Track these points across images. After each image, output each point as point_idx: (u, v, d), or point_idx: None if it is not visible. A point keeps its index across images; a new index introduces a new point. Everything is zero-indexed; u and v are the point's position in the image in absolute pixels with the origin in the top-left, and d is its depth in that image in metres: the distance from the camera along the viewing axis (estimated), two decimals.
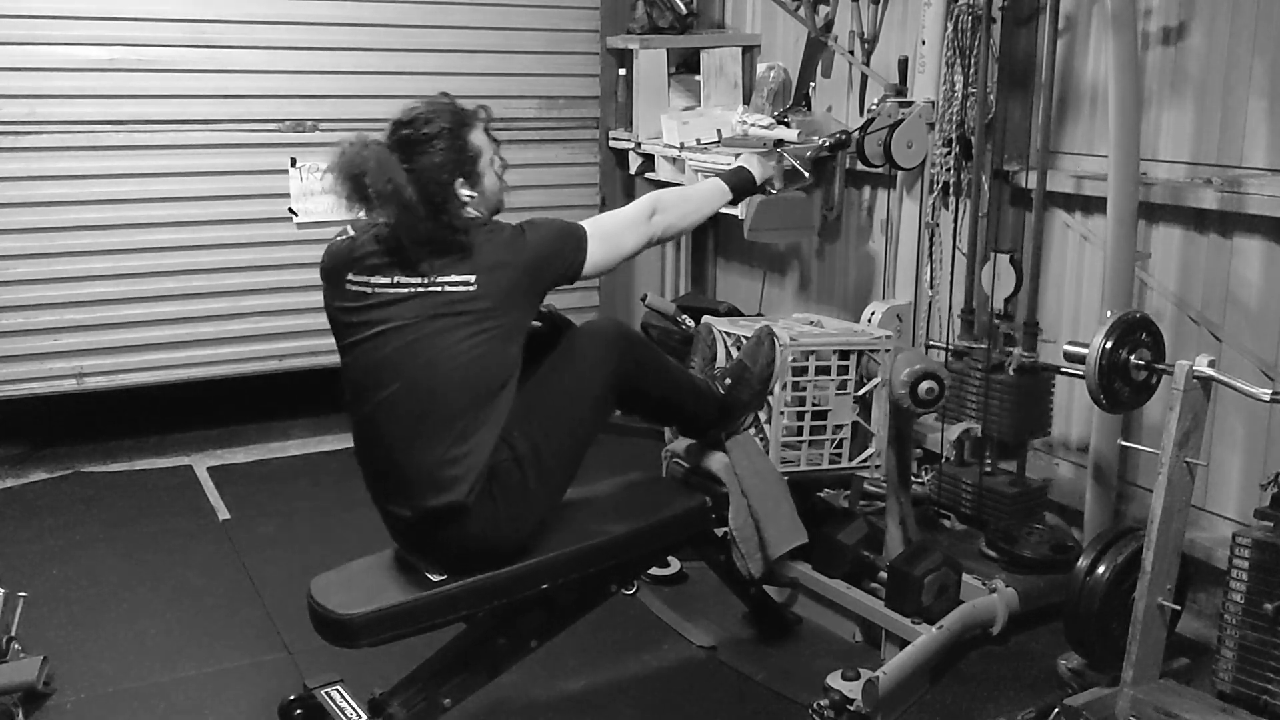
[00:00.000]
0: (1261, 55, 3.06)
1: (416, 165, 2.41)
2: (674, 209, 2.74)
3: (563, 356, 2.57)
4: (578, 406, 2.54)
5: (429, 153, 2.42)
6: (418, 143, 2.43)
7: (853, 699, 2.65)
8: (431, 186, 2.40)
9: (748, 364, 2.96)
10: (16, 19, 4.03)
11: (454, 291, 2.37)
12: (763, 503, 2.93)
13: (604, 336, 2.62)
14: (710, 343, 3.18)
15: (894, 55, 3.69)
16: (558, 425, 2.50)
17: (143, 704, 2.83)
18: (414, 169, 2.40)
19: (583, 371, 2.55)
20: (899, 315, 3.29)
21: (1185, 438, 2.40)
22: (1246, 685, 2.50)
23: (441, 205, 2.41)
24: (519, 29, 4.78)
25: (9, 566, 3.49)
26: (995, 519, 3.47)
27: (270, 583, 3.44)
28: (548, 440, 2.47)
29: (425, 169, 2.41)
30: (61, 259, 4.21)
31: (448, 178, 2.44)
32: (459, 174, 2.46)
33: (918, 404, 3.06)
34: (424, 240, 2.38)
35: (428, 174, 2.41)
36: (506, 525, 2.43)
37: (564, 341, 2.61)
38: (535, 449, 2.45)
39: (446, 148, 2.45)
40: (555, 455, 2.49)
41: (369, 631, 2.34)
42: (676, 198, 2.80)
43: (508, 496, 2.41)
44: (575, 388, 2.54)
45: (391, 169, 2.36)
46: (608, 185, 5.10)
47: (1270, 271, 3.10)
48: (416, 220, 2.37)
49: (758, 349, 2.97)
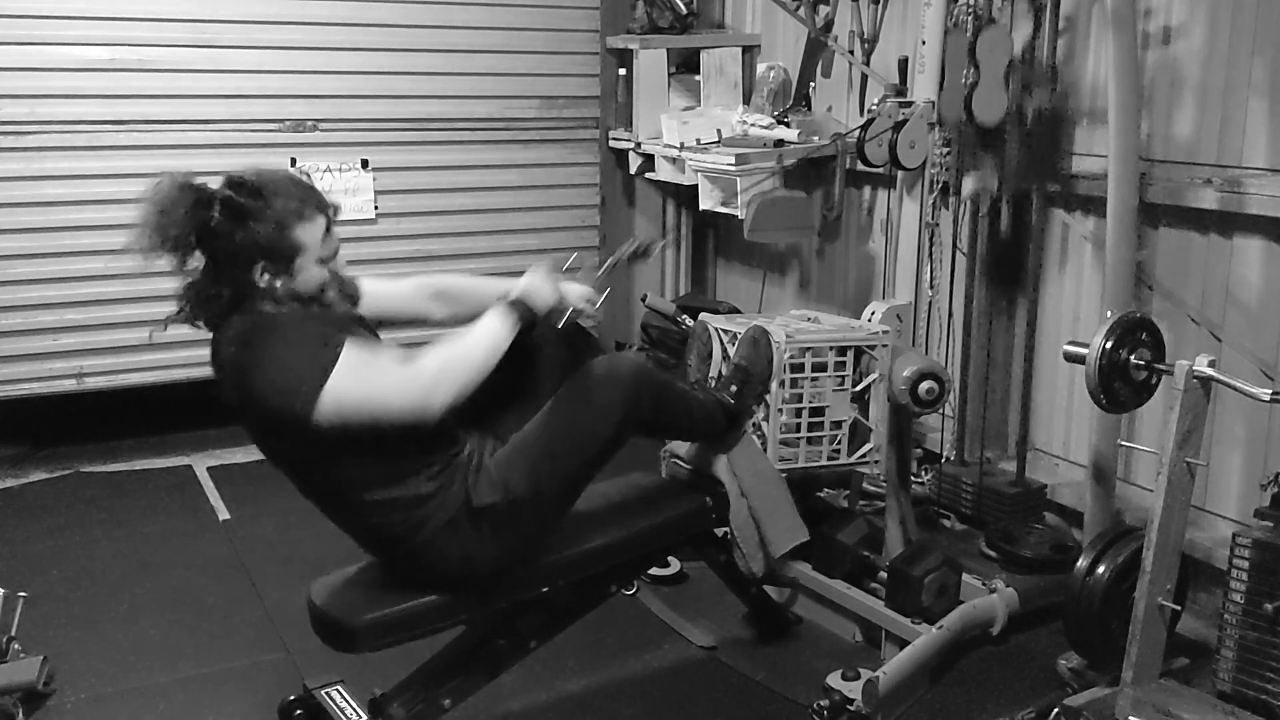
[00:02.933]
0: (1261, 55, 3.06)
1: (223, 229, 2.20)
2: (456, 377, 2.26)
3: (575, 396, 2.47)
4: (586, 450, 2.46)
5: (244, 225, 2.19)
6: (237, 211, 2.20)
7: (853, 699, 2.65)
8: (220, 255, 2.22)
9: (748, 367, 2.95)
10: (16, 19, 4.02)
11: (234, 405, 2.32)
12: (763, 502, 2.94)
13: (620, 382, 2.50)
14: (705, 340, 3.18)
15: (894, 55, 3.69)
16: (560, 471, 2.43)
17: (143, 704, 2.83)
18: (219, 232, 2.20)
19: (595, 416, 2.46)
20: (899, 315, 3.29)
21: (1185, 438, 2.40)
22: (1246, 685, 2.50)
23: (225, 273, 2.23)
24: (519, 29, 4.78)
25: (9, 566, 3.49)
26: (995, 519, 3.48)
27: (270, 583, 3.44)
28: (551, 482, 2.41)
29: (224, 235, 2.20)
30: (61, 259, 4.20)
31: (245, 259, 2.21)
32: (262, 259, 2.21)
33: (918, 404, 3.06)
34: (195, 302, 2.27)
35: (224, 242, 2.20)
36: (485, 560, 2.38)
37: (578, 378, 2.49)
38: (535, 492, 2.38)
39: (263, 231, 2.20)
40: (557, 496, 2.44)
41: (369, 637, 2.34)
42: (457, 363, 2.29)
43: (498, 532, 2.37)
44: (586, 431, 2.45)
45: (192, 214, 2.19)
46: (608, 185, 5.10)
47: (1270, 271, 3.10)
48: (207, 279, 2.25)
49: (754, 350, 2.97)
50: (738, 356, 3.00)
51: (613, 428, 2.48)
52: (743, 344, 3.01)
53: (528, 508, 2.39)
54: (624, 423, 2.49)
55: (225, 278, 2.23)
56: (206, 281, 2.25)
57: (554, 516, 2.48)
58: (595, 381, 2.49)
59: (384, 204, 4.61)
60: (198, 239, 2.21)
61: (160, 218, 2.18)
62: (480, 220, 4.77)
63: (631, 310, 5.02)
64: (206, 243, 2.22)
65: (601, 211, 5.04)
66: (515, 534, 2.40)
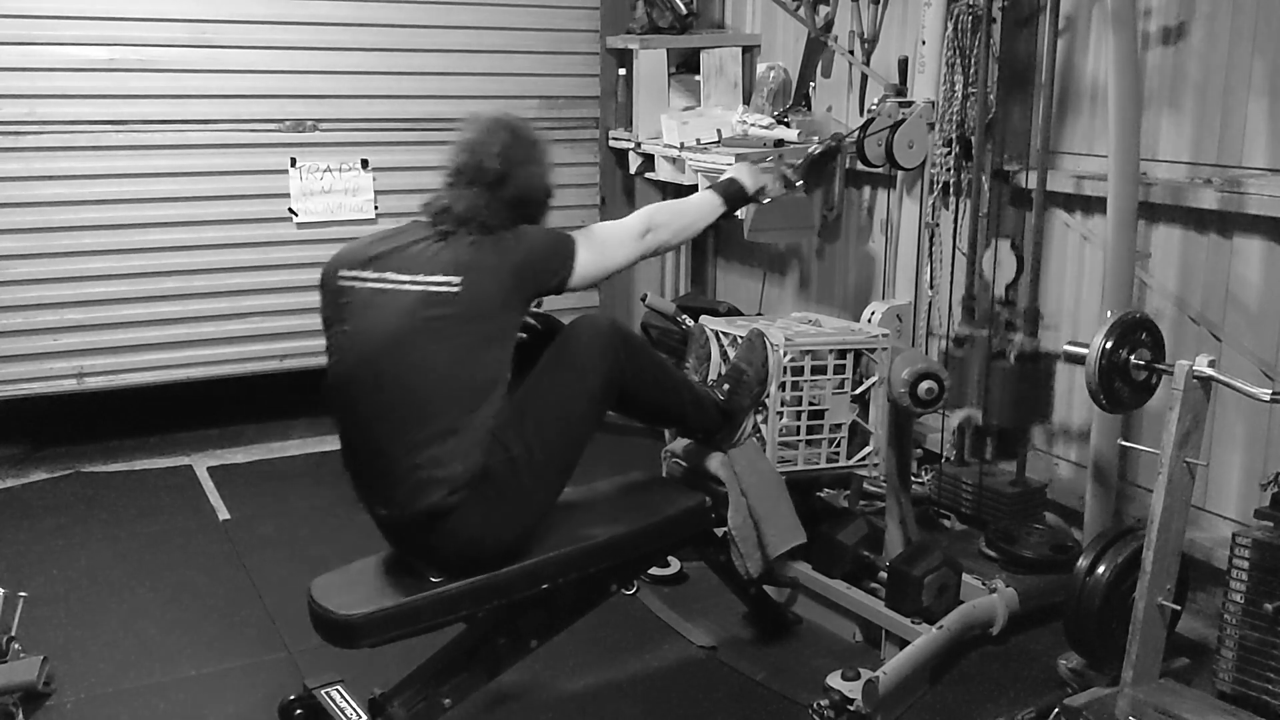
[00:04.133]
0: (1261, 55, 3.06)
1: (534, 168, 2.56)
2: (668, 226, 2.75)
3: (557, 355, 2.55)
4: (573, 406, 2.52)
5: (537, 170, 2.57)
6: (531, 154, 2.56)
7: (853, 699, 2.65)
8: (527, 193, 2.53)
9: (744, 368, 2.95)
10: (16, 19, 4.03)
11: (439, 292, 2.37)
12: (762, 502, 2.94)
13: (599, 334, 2.59)
14: (704, 343, 3.18)
15: (894, 55, 3.69)
16: (553, 425, 2.48)
17: (143, 704, 2.83)
18: (532, 168, 2.54)
19: (578, 370, 2.53)
20: (899, 315, 3.29)
21: (1185, 438, 2.40)
22: (1246, 685, 2.50)
23: (521, 205, 2.51)
24: (519, 29, 4.78)
25: (9, 566, 3.49)
26: (995, 519, 3.47)
27: (270, 583, 3.44)
28: (543, 441, 2.45)
29: (534, 175, 2.55)
30: (62, 259, 4.21)
31: (541, 195, 2.58)
32: (542, 199, 2.59)
33: (917, 404, 3.06)
34: (470, 216, 2.44)
35: (535, 179, 2.55)
36: (501, 527, 2.42)
37: (558, 339, 2.59)
38: (529, 450, 2.43)
39: (544, 174, 2.59)
40: (550, 456, 2.47)
41: (369, 632, 2.34)
42: (670, 213, 2.80)
43: (502, 497, 2.40)
44: (570, 387, 2.52)
45: (532, 154, 2.54)
46: (608, 185, 5.10)
47: (1270, 271, 3.10)
48: (494, 197, 2.46)
49: (751, 352, 2.98)
50: (735, 357, 3.01)
51: (597, 380, 2.54)
52: (742, 346, 3.01)
53: (525, 468, 2.42)
54: (608, 376, 2.56)
55: (519, 200, 2.54)
56: (492, 194, 2.50)
57: (551, 482, 2.50)
58: (576, 338, 2.58)
59: (384, 204, 4.61)
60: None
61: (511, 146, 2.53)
62: None
63: (632, 310, 5.03)
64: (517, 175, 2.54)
65: (601, 211, 5.04)
66: (517, 502, 2.42)
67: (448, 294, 2.36)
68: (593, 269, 2.57)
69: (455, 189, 2.50)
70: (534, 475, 2.44)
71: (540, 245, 2.51)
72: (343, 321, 2.45)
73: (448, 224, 2.46)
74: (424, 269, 2.39)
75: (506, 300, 2.42)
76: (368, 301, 2.42)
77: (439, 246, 2.43)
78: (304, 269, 4.51)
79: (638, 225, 2.68)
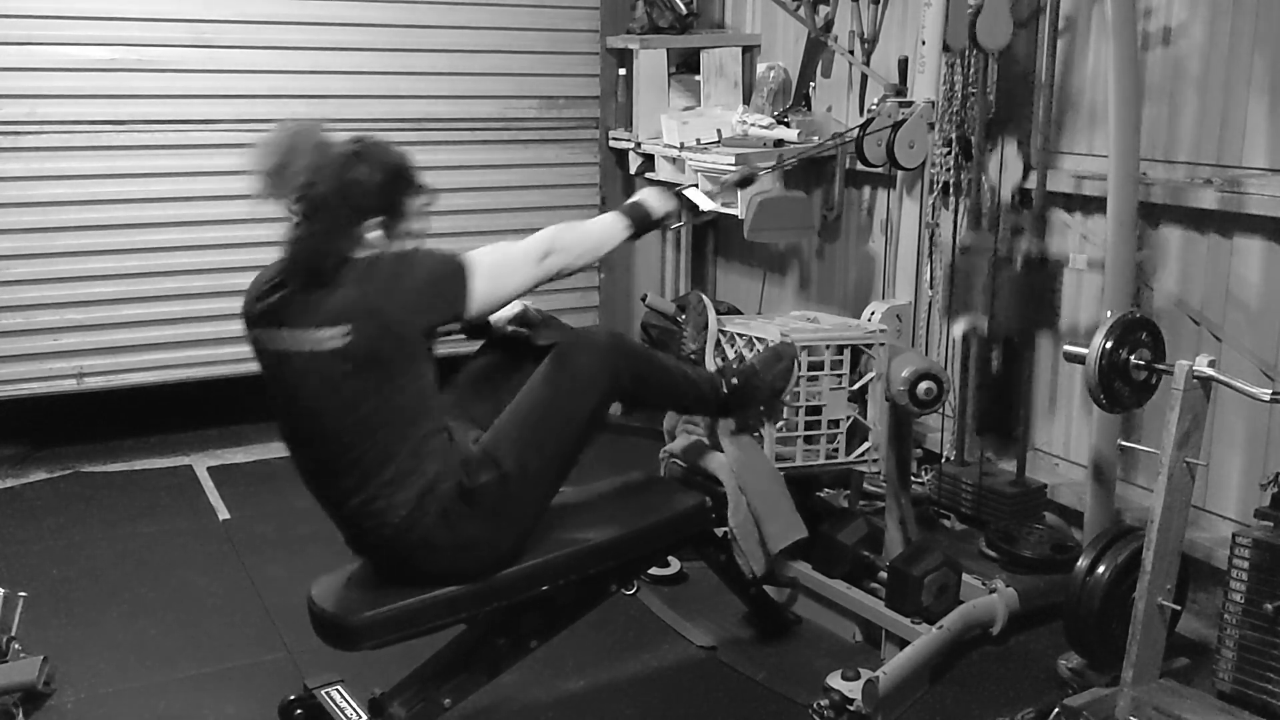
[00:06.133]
0: (1262, 55, 3.06)
1: (350, 177, 2.31)
2: (569, 250, 2.54)
3: (555, 370, 2.50)
4: (571, 425, 2.48)
5: (371, 174, 2.33)
6: (366, 158, 2.34)
7: (853, 699, 2.65)
8: (353, 200, 2.32)
9: (759, 372, 2.92)
10: (16, 19, 4.02)
11: (329, 350, 2.26)
12: (761, 499, 2.94)
13: (599, 351, 2.54)
14: (701, 311, 3.18)
15: (894, 55, 3.69)
16: (549, 443, 2.44)
17: (143, 704, 2.83)
18: (347, 180, 2.31)
19: (576, 388, 2.49)
20: (899, 315, 3.29)
21: (1185, 438, 2.40)
22: (1246, 685, 2.50)
23: (345, 226, 2.32)
24: (519, 29, 4.78)
25: (9, 566, 3.49)
26: (995, 519, 3.48)
27: (270, 583, 3.44)
28: (539, 458, 2.42)
29: (358, 183, 2.32)
30: (62, 259, 4.21)
31: (373, 204, 2.35)
32: (383, 211, 2.36)
33: (916, 404, 3.06)
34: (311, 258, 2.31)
35: (358, 189, 2.32)
36: (484, 544, 2.40)
37: (557, 352, 2.53)
38: (523, 467, 2.40)
39: (386, 184, 2.36)
40: (544, 472, 2.45)
41: (369, 634, 2.34)
42: (574, 236, 2.59)
43: (491, 514, 2.38)
44: (569, 404, 2.48)
45: (330, 162, 2.29)
46: (608, 185, 5.10)
47: (1270, 271, 3.10)
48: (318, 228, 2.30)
49: (775, 363, 2.94)
50: (757, 359, 2.97)
51: (595, 397, 2.51)
52: (769, 352, 2.98)
53: (518, 484, 2.40)
54: (606, 393, 2.53)
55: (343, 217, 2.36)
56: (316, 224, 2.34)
57: (545, 493, 2.49)
58: (574, 354, 2.52)
59: None
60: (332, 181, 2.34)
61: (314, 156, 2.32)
62: (480, 220, 4.76)
63: (631, 309, 5.03)
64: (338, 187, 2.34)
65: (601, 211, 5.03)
66: (508, 514, 2.41)
67: (338, 350, 2.26)
68: (489, 297, 2.40)
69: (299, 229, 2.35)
70: (526, 490, 2.42)
71: (430, 279, 2.35)
72: (265, 379, 2.43)
73: (317, 271, 2.32)
74: (311, 322, 2.28)
75: (400, 341, 2.30)
76: (272, 366, 2.38)
77: (322, 293, 2.30)
78: None
79: (537, 249, 2.47)
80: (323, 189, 2.29)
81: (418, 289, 2.32)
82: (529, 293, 2.50)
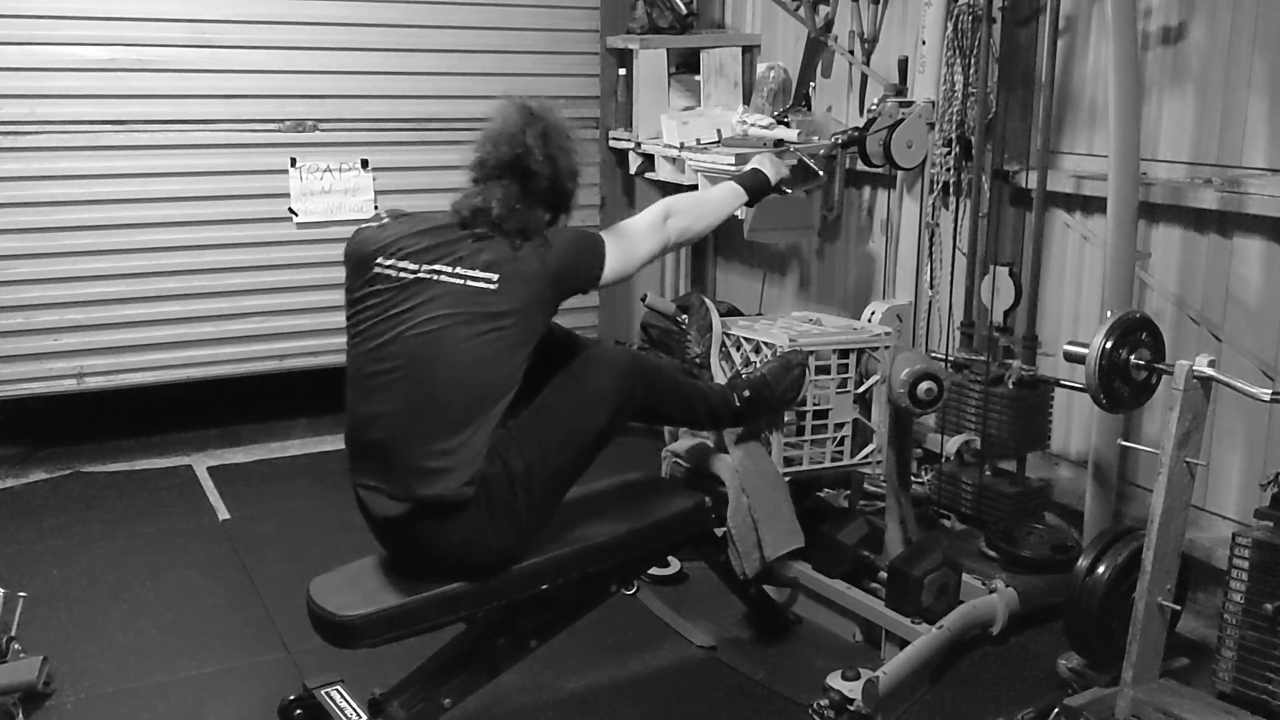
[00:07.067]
0: (1262, 54, 3.06)
1: (566, 165, 2.57)
2: (688, 213, 2.76)
3: (572, 381, 2.52)
4: (580, 436, 2.49)
5: (573, 164, 2.59)
6: (573, 152, 2.59)
7: (853, 699, 2.65)
8: (559, 182, 2.54)
9: (770, 383, 2.92)
10: (16, 19, 4.02)
11: (475, 287, 2.38)
12: (763, 504, 2.94)
13: (617, 371, 2.56)
14: (704, 314, 3.18)
15: (894, 55, 3.69)
16: (556, 450, 2.46)
17: (143, 704, 2.83)
18: (563, 166, 2.56)
19: (590, 401, 2.51)
20: (899, 315, 3.29)
21: (1185, 438, 2.40)
22: (1246, 685, 2.50)
23: (547, 200, 2.53)
24: (519, 29, 4.78)
25: (9, 566, 3.49)
26: (995, 519, 3.47)
27: (270, 583, 3.44)
28: (544, 463, 2.44)
29: (565, 164, 2.56)
30: (62, 259, 4.21)
31: (570, 186, 2.59)
32: (572, 189, 2.60)
33: (917, 404, 3.06)
34: (510, 218, 2.44)
35: (567, 171, 2.56)
36: (490, 537, 2.40)
37: (575, 364, 2.55)
38: (529, 470, 2.41)
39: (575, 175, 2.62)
40: (548, 479, 2.46)
41: (368, 633, 2.35)
42: (691, 201, 2.82)
43: (494, 509, 2.39)
44: (580, 416, 2.49)
45: (559, 147, 2.55)
46: (608, 185, 5.10)
47: (1270, 271, 3.10)
48: (526, 190, 2.48)
49: (785, 373, 2.94)
50: (767, 368, 2.96)
51: (606, 414, 2.52)
52: (778, 360, 2.97)
53: (521, 486, 2.41)
54: (618, 410, 2.54)
55: (552, 194, 2.59)
56: (531, 196, 2.55)
57: (546, 500, 2.48)
58: (589, 369, 2.55)
59: (384, 204, 4.60)
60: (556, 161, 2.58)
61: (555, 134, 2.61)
62: None
63: (632, 310, 5.02)
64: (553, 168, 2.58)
65: (601, 211, 5.04)
66: (507, 517, 2.41)
67: (487, 290, 2.37)
68: (621, 264, 2.59)
69: (486, 185, 2.49)
70: (528, 494, 2.43)
71: (574, 249, 2.52)
72: (374, 304, 2.43)
73: (482, 225, 2.45)
74: (466, 264, 2.40)
75: (540, 305, 2.43)
76: (408, 289, 2.41)
77: (478, 246, 2.42)
78: (304, 269, 4.51)
79: (657, 215, 2.71)
80: (544, 165, 2.51)
81: (563, 260, 2.48)
82: (655, 259, 2.73)
